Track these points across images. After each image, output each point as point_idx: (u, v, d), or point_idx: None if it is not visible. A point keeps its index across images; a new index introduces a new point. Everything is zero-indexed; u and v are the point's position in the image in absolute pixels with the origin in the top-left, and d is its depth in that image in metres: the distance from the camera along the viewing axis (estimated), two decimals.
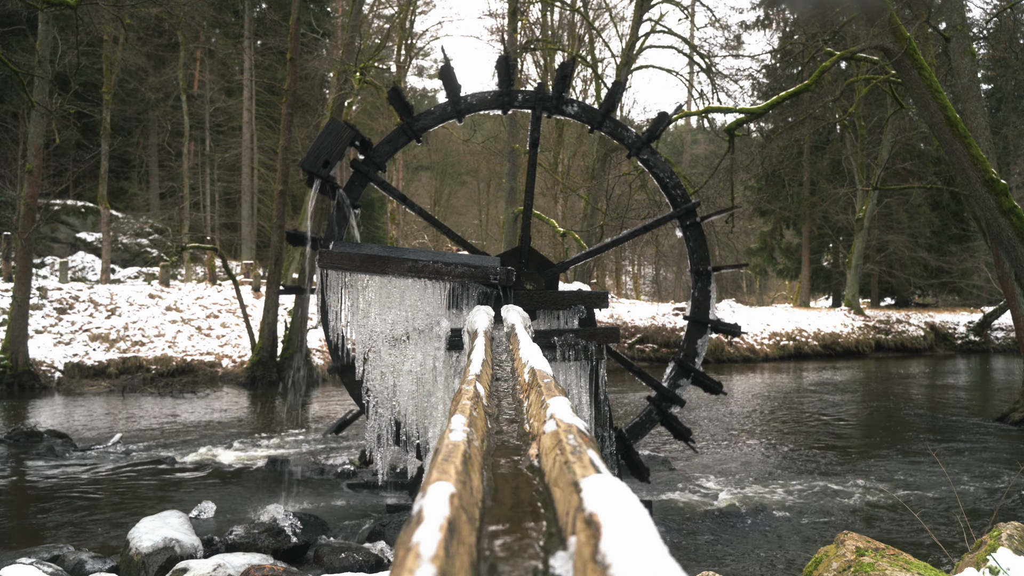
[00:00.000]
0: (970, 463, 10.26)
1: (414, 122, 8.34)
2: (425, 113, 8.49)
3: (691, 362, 8.59)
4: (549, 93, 8.51)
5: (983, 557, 4.35)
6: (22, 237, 17.72)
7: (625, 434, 8.29)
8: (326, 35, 35.57)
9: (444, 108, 8.47)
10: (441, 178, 47.41)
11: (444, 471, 0.83)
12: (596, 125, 8.55)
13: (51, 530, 7.25)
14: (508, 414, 1.58)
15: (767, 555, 6.55)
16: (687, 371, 8.60)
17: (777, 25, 36.91)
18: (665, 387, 8.52)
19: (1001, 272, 13.38)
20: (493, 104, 8.52)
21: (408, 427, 7.64)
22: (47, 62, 17.48)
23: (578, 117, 8.62)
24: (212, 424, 13.50)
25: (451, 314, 7.44)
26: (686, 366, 8.58)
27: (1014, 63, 25.08)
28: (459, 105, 8.40)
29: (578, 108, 8.61)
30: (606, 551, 0.61)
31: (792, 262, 43.44)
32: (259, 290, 26.76)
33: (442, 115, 8.49)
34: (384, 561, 6.11)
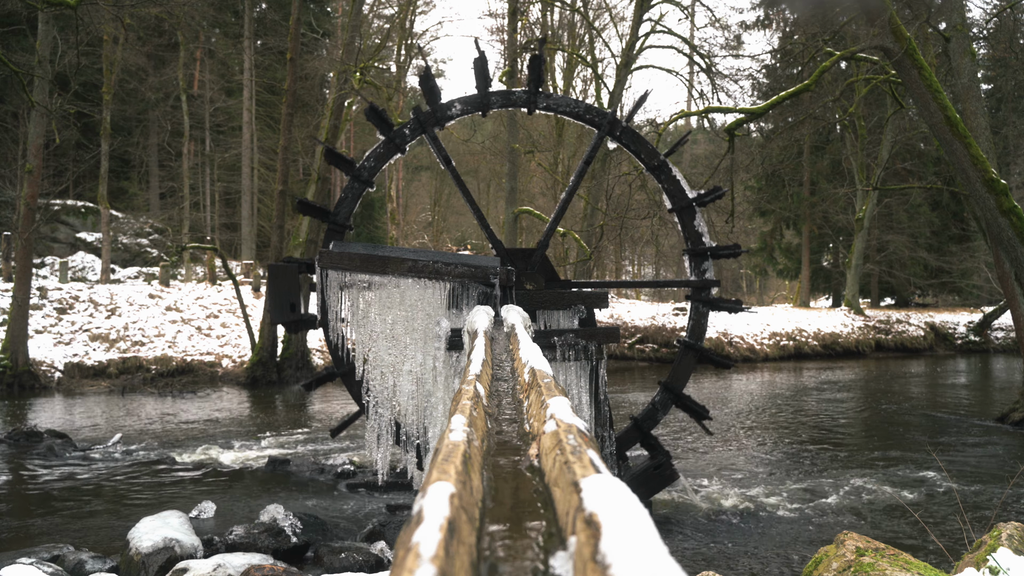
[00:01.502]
0: (970, 463, 10.26)
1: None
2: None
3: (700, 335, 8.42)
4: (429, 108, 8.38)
5: (983, 557, 4.35)
6: (22, 237, 17.72)
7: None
8: (326, 35, 35.58)
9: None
10: (441, 178, 47.40)
11: (444, 471, 0.83)
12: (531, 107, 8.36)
13: (51, 530, 7.25)
14: (508, 414, 1.58)
15: (767, 555, 6.55)
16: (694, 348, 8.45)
17: (777, 25, 36.92)
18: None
19: (1001, 272, 13.38)
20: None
21: (408, 427, 7.64)
22: (47, 62, 17.48)
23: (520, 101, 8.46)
24: (212, 424, 13.50)
25: (451, 314, 7.44)
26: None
27: (1014, 63, 25.07)
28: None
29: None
30: (606, 551, 0.61)
31: (792, 262, 43.44)
32: (259, 290, 26.75)
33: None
34: (384, 561, 6.11)
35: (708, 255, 8.47)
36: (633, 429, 8.27)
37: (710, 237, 8.62)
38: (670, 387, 8.32)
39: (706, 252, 8.45)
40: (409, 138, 8.20)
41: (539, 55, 8.28)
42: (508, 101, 8.39)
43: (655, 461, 8.06)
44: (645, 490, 7.95)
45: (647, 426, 8.23)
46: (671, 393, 8.31)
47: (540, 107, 8.39)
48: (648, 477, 7.96)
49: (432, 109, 8.17)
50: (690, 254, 8.53)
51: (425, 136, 8.20)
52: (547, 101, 8.45)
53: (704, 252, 8.46)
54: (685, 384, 8.39)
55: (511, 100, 8.39)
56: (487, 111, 8.39)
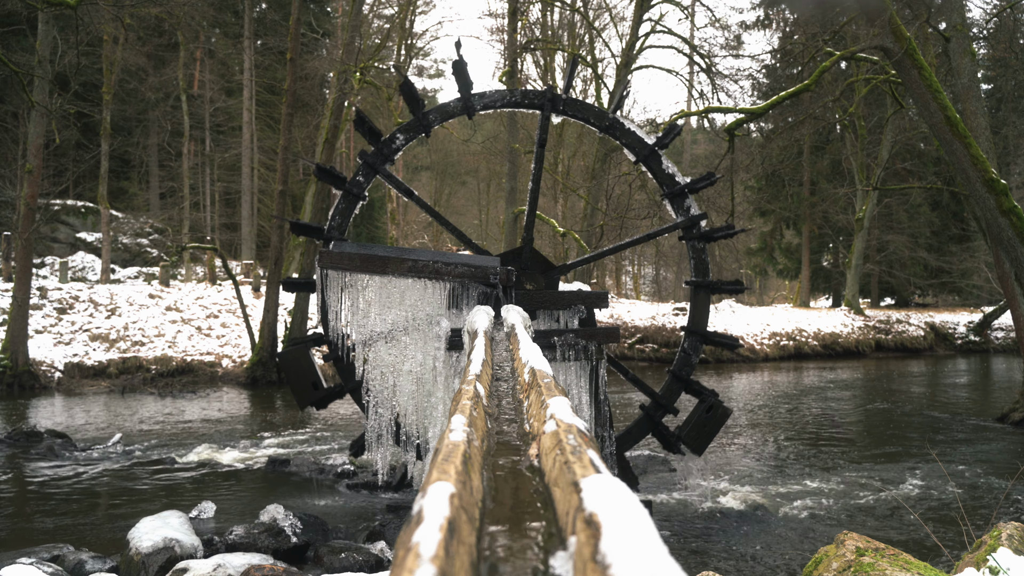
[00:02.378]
0: (970, 463, 10.26)
1: (382, 147, 8.31)
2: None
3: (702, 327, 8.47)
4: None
5: (983, 557, 4.35)
6: (22, 237, 17.72)
7: (677, 373, 8.31)
8: (326, 35, 35.59)
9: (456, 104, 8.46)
10: (441, 178, 47.42)
11: (444, 471, 0.83)
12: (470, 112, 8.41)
13: (51, 530, 7.25)
14: (508, 414, 1.58)
15: (767, 555, 6.55)
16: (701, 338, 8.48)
17: (777, 25, 36.92)
18: (659, 394, 8.46)
19: (1001, 272, 13.38)
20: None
21: (408, 427, 7.65)
22: (47, 62, 17.47)
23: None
24: (212, 424, 13.50)
25: (451, 314, 7.44)
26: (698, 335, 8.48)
27: (1014, 63, 25.08)
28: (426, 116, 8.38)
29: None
30: (606, 551, 0.61)
31: (792, 262, 43.44)
32: (259, 290, 26.76)
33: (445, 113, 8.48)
34: (384, 561, 6.11)
35: (686, 191, 8.51)
36: (673, 381, 8.34)
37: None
38: (694, 330, 8.39)
39: (683, 190, 8.50)
40: (364, 184, 8.25)
41: (460, 60, 8.31)
42: (445, 114, 8.43)
43: (705, 403, 8.13)
44: (705, 434, 8.05)
45: (685, 373, 8.34)
46: (697, 335, 8.36)
47: (478, 110, 8.41)
48: (704, 422, 8.08)
49: (377, 148, 8.20)
50: (668, 197, 8.56)
51: (380, 176, 8.22)
52: (483, 102, 8.43)
53: (682, 191, 8.49)
54: (707, 323, 8.45)
55: (447, 112, 8.43)
56: (429, 131, 8.40)
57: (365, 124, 8.21)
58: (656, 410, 8.36)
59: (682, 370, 8.36)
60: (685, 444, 8.23)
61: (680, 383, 8.35)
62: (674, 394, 8.37)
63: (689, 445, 8.21)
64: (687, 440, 8.19)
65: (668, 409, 8.36)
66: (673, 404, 8.36)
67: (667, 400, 8.36)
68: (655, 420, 8.35)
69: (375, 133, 8.27)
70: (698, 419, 8.11)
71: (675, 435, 8.31)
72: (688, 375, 8.35)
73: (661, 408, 8.37)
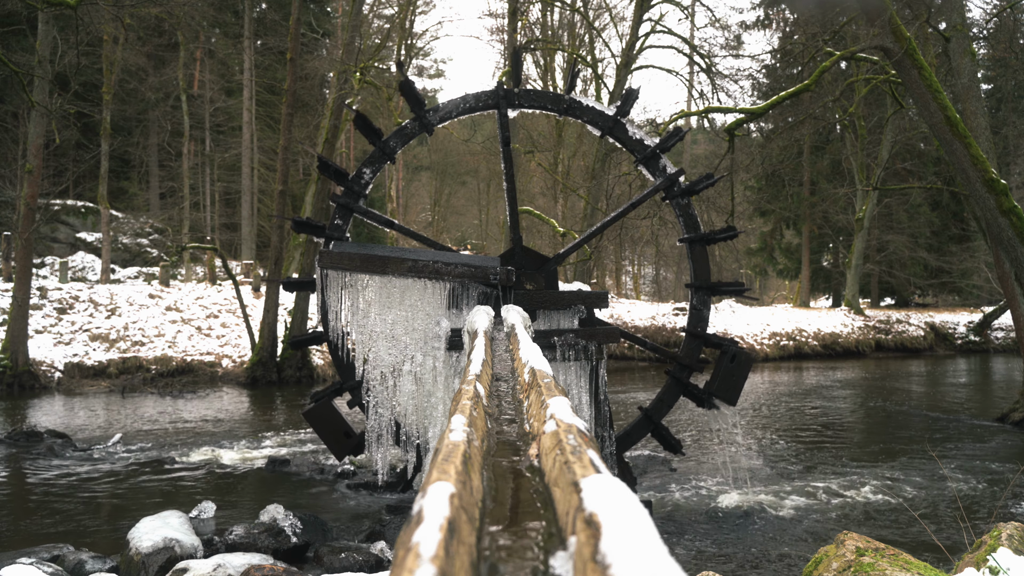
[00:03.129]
0: (970, 463, 10.26)
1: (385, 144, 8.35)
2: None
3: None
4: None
5: (983, 557, 4.35)
6: (22, 237, 17.72)
7: (692, 330, 8.34)
8: (326, 35, 35.58)
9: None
10: (441, 178, 47.43)
11: (444, 471, 0.83)
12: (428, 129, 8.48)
13: (51, 530, 7.25)
14: (508, 414, 1.58)
15: (767, 555, 6.55)
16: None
17: (777, 25, 36.95)
18: (680, 354, 8.44)
19: (1001, 272, 13.38)
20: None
21: (408, 427, 7.64)
22: (47, 62, 17.47)
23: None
24: (212, 424, 13.50)
25: (451, 314, 7.44)
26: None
27: (1014, 63, 25.08)
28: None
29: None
30: (606, 551, 0.61)
31: (792, 262, 43.44)
32: (259, 290, 26.76)
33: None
34: (384, 561, 6.11)
35: (658, 153, 8.51)
36: (690, 339, 8.35)
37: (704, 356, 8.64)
38: (699, 285, 8.43)
39: (656, 152, 8.50)
40: (343, 227, 8.29)
41: (406, 80, 8.32)
42: (404, 138, 8.41)
43: (728, 353, 8.13)
44: (734, 384, 8.07)
45: (701, 328, 8.37)
46: (705, 289, 8.40)
47: (435, 124, 8.42)
48: (731, 372, 8.10)
49: (347, 186, 8.19)
50: (642, 162, 8.57)
51: (357, 214, 8.22)
52: (438, 116, 8.43)
53: (654, 152, 8.50)
54: (709, 276, 8.50)
55: (406, 135, 8.42)
56: (392, 158, 8.39)
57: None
58: (681, 371, 8.35)
59: (696, 326, 8.37)
60: (717, 397, 8.19)
61: (697, 339, 8.36)
62: (694, 351, 8.36)
63: (721, 397, 8.17)
64: (718, 393, 8.16)
65: (692, 367, 8.35)
66: (696, 361, 8.36)
67: (689, 359, 8.35)
68: (683, 381, 8.34)
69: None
70: (724, 370, 8.09)
71: (706, 391, 8.29)
72: (703, 330, 8.35)
73: (685, 368, 8.36)
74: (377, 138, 8.31)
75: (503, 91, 8.38)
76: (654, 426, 8.28)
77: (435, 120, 8.39)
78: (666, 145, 8.55)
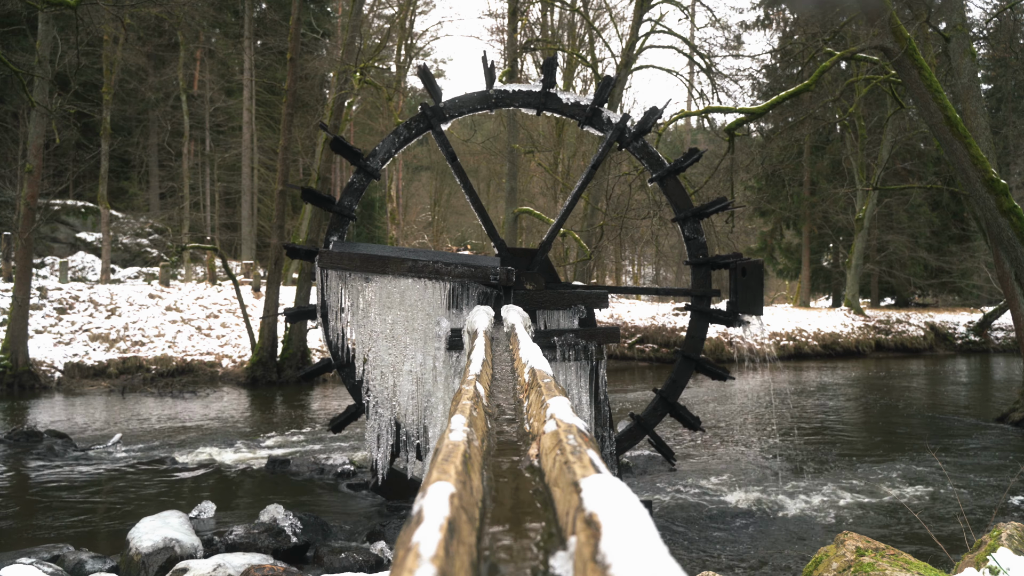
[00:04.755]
0: (970, 463, 10.26)
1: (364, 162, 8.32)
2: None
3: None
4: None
5: (983, 557, 4.35)
6: (22, 237, 17.72)
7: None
8: (326, 35, 35.59)
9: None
10: (441, 178, 47.39)
11: (444, 471, 0.83)
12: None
13: (51, 530, 7.25)
14: (508, 414, 1.58)
15: (767, 555, 6.55)
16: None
17: (777, 25, 36.94)
18: (691, 290, 8.42)
19: (1001, 272, 13.38)
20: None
21: (408, 427, 7.64)
22: (47, 62, 17.47)
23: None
24: (212, 424, 13.50)
25: (451, 314, 7.44)
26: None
27: (1014, 63, 25.08)
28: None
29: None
30: (606, 551, 0.61)
31: (792, 262, 43.44)
32: (259, 290, 26.76)
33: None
34: (384, 561, 6.11)
35: (598, 109, 8.50)
36: (696, 269, 8.36)
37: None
38: (685, 215, 8.41)
39: (595, 108, 8.47)
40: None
41: (336, 139, 8.19)
42: (355, 192, 8.24)
43: (736, 270, 8.12)
44: (753, 294, 8.08)
45: (703, 255, 8.39)
46: (692, 216, 8.38)
47: (378, 168, 8.30)
48: (746, 285, 8.13)
49: (339, 210, 8.08)
50: (587, 123, 8.56)
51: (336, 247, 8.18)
52: (378, 158, 8.28)
53: (593, 110, 8.45)
54: (690, 204, 8.49)
55: (355, 189, 8.24)
56: (352, 216, 8.27)
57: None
58: (700, 302, 8.31)
59: (697, 254, 8.37)
60: (742, 311, 8.14)
61: (702, 267, 8.33)
62: (704, 280, 8.33)
63: (746, 310, 8.12)
64: (742, 307, 8.13)
65: (708, 295, 8.33)
66: (710, 288, 8.38)
67: (703, 288, 8.33)
68: (704, 311, 8.32)
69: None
70: (740, 285, 8.08)
71: (728, 311, 8.25)
72: (705, 256, 8.34)
73: (703, 298, 8.32)
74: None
75: (429, 110, 8.31)
76: (671, 407, 8.27)
77: (377, 164, 8.26)
78: (601, 98, 8.49)
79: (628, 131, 8.49)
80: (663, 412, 8.38)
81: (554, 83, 8.63)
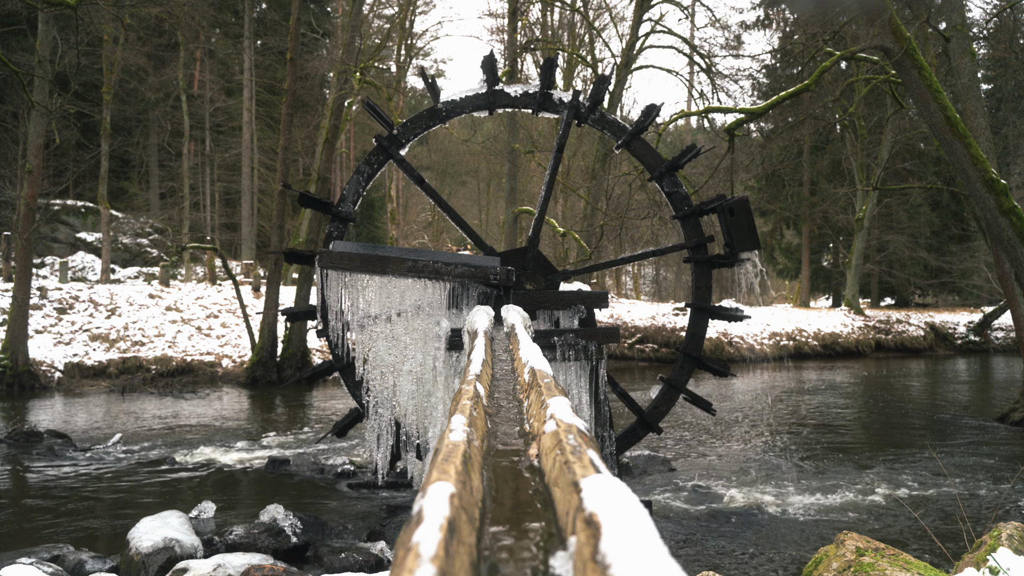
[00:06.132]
0: (970, 463, 10.26)
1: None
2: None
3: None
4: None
5: (983, 557, 4.35)
6: (22, 237, 17.72)
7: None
8: (326, 35, 35.59)
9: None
10: (441, 178, 47.41)
11: (444, 471, 0.83)
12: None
13: (51, 530, 7.25)
14: (508, 414, 1.58)
15: (767, 555, 6.55)
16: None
17: (777, 25, 36.94)
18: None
19: (1001, 272, 13.38)
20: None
21: (408, 427, 7.64)
22: (47, 62, 17.47)
23: None
24: (212, 424, 13.50)
25: (451, 314, 7.44)
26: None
27: (1014, 63, 25.08)
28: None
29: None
30: (606, 551, 0.61)
31: (792, 262, 43.44)
32: (259, 290, 26.76)
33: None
34: (384, 561, 6.11)
35: (548, 93, 8.43)
36: (684, 221, 8.39)
37: (709, 240, 8.60)
38: (661, 171, 8.43)
39: (545, 93, 8.41)
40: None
41: (304, 194, 8.10)
42: (333, 245, 8.10)
43: (723, 211, 8.16)
44: (747, 230, 8.09)
45: (687, 206, 8.43)
46: (667, 169, 8.41)
47: (350, 210, 8.18)
48: (737, 223, 8.15)
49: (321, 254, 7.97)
50: (540, 109, 8.53)
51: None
52: (348, 201, 8.17)
53: (543, 95, 8.38)
54: (660, 161, 8.53)
55: (333, 239, 8.12)
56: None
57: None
58: (697, 251, 8.32)
59: (682, 207, 8.38)
60: (739, 249, 8.08)
61: (689, 217, 8.34)
62: (694, 229, 8.36)
63: (743, 247, 8.08)
64: (738, 245, 8.07)
65: (702, 243, 8.35)
66: (702, 234, 8.42)
67: (696, 236, 8.33)
68: (707, 259, 8.31)
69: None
70: (731, 225, 8.05)
71: (725, 253, 8.19)
72: (689, 207, 8.36)
73: (699, 247, 8.34)
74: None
75: (385, 140, 8.26)
76: (697, 361, 8.32)
77: (349, 208, 8.15)
78: (548, 80, 8.43)
79: (582, 106, 8.46)
80: (690, 368, 8.40)
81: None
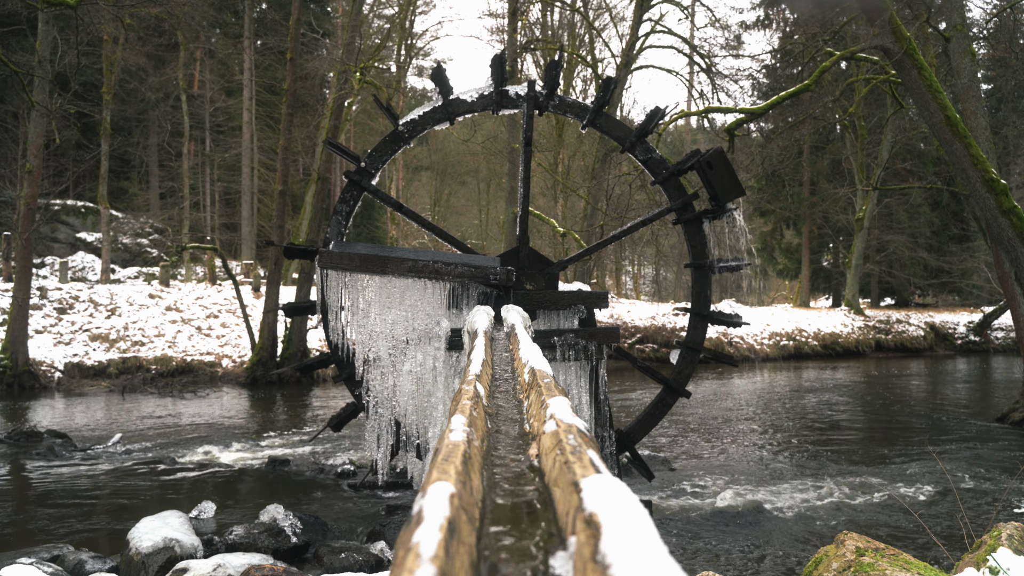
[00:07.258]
0: (970, 463, 10.26)
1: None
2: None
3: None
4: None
5: (983, 557, 4.35)
6: (22, 237, 17.72)
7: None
8: (326, 35, 35.58)
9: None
10: (441, 178, 47.41)
11: (444, 471, 0.83)
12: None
13: (51, 530, 7.25)
14: (508, 414, 1.58)
15: (767, 555, 6.55)
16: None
17: (777, 25, 36.93)
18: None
19: (1001, 272, 13.38)
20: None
21: (408, 427, 7.64)
22: (47, 62, 17.47)
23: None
24: (212, 424, 13.50)
25: (451, 314, 7.44)
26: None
27: (1014, 63, 25.06)
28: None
29: None
30: (606, 551, 0.61)
31: (792, 262, 43.44)
32: (259, 290, 26.76)
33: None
34: (384, 561, 6.11)
35: (503, 90, 8.42)
36: (666, 185, 8.38)
37: (694, 198, 8.62)
38: (631, 139, 8.46)
39: (499, 90, 8.40)
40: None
41: (289, 248, 8.05)
42: (308, 256, 7.95)
43: (700, 164, 8.09)
44: (729, 180, 8.04)
45: (664, 170, 8.43)
46: (636, 142, 8.43)
47: (328, 265, 7.98)
48: (718, 176, 8.08)
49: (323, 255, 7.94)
50: (498, 108, 8.49)
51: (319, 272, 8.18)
52: (329, 265, 8.03)
53: (498, 91, 8.38)
54: (627, 135, 8.55)
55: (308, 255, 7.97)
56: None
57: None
58: (684, 211, 8.32)
59: (660, 171, 8.40)
60: (724, 199, 8.06)
61: (670, 178, 8.34)
62: (678, 192, 8.35)
63: (728, 196, 8.06)
64: (722, 196, 8.05)
65: (687, 202, 8.34)
66: (687, 194, 8.40)
67: (681, 197, 8.32)
68: (696, 218, 8.34)
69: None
70: (712, 178, 8.02)
71: (714, 206, 8.17)
72: (667, 169, 8.34)
73: (687, 207, 8.36)
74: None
75: (355, 175, 8.19)
76: (708, 318, 8.36)
77: (323, 269, 7.81)
78: (502, 78, 8.40)
79: (540, 95, 8.46)
80: (704, 327, 8.43)
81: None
